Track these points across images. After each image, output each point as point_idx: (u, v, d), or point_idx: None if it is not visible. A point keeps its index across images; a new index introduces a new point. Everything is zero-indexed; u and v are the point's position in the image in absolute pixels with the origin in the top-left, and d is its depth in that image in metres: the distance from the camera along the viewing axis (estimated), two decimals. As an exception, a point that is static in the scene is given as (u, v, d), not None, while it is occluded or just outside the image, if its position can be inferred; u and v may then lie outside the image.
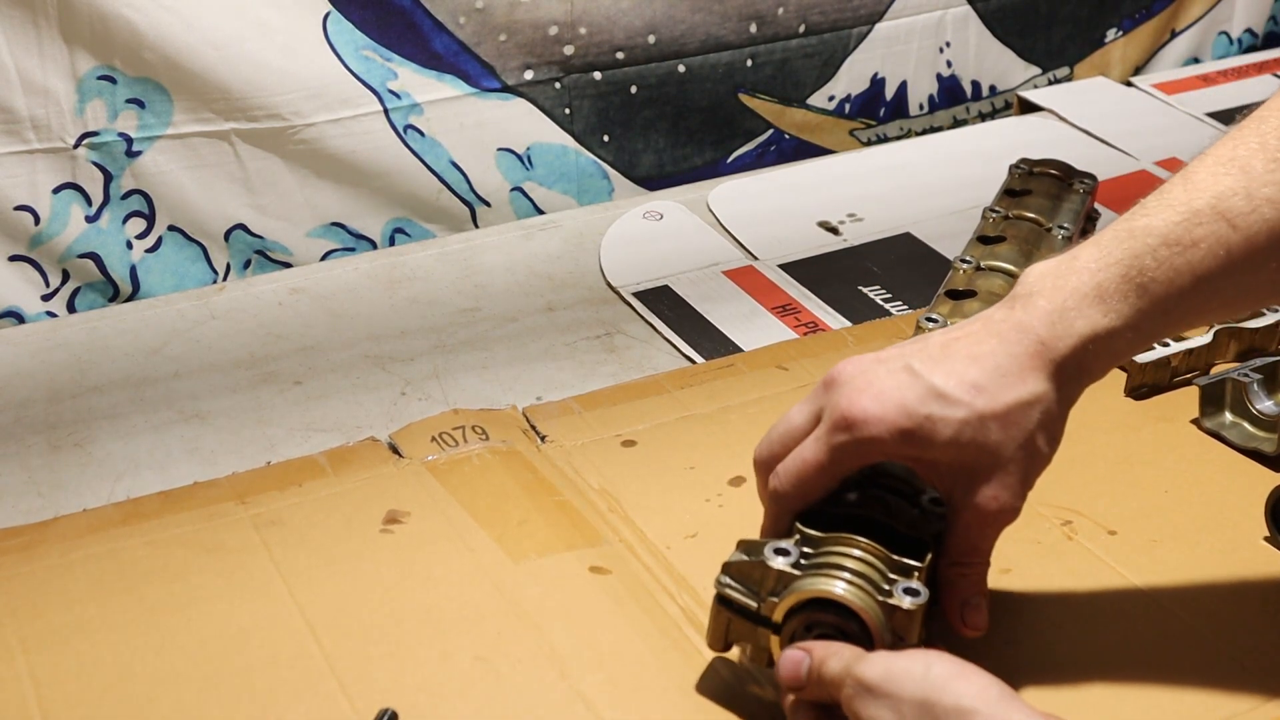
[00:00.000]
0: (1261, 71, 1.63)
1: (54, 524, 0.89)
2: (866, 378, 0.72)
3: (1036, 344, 0.71)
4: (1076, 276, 0.72)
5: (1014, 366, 0.71)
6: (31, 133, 1.25)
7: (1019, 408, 0.71)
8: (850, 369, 0.74)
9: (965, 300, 0.99)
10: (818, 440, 0.73)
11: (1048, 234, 1.09)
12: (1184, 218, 0.71)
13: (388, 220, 1.40)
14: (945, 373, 0.71)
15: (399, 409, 1.03)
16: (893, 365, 0.73)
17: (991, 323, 0.73)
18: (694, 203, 1.33)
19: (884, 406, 0.71)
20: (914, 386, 0.71)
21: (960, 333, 0.74)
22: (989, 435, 0.71)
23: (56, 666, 0.78)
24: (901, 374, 0.72)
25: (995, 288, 1.01)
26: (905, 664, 0.66)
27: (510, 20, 1.39)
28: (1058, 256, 0.74)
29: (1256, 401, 0.96)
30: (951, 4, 1.61)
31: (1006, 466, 0.72)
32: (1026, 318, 0.72)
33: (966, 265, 1.04)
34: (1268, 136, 0.72)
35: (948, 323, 0.95)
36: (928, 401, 0.71)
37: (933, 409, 0.71)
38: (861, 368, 0.73)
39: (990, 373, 0.71)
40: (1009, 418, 0.71)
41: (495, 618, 0.82)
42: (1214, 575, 0.85)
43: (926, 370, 0.71)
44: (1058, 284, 0.72)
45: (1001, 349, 0.71)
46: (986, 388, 0.71)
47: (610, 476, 0.93)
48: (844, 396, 0.72)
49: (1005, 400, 0.71)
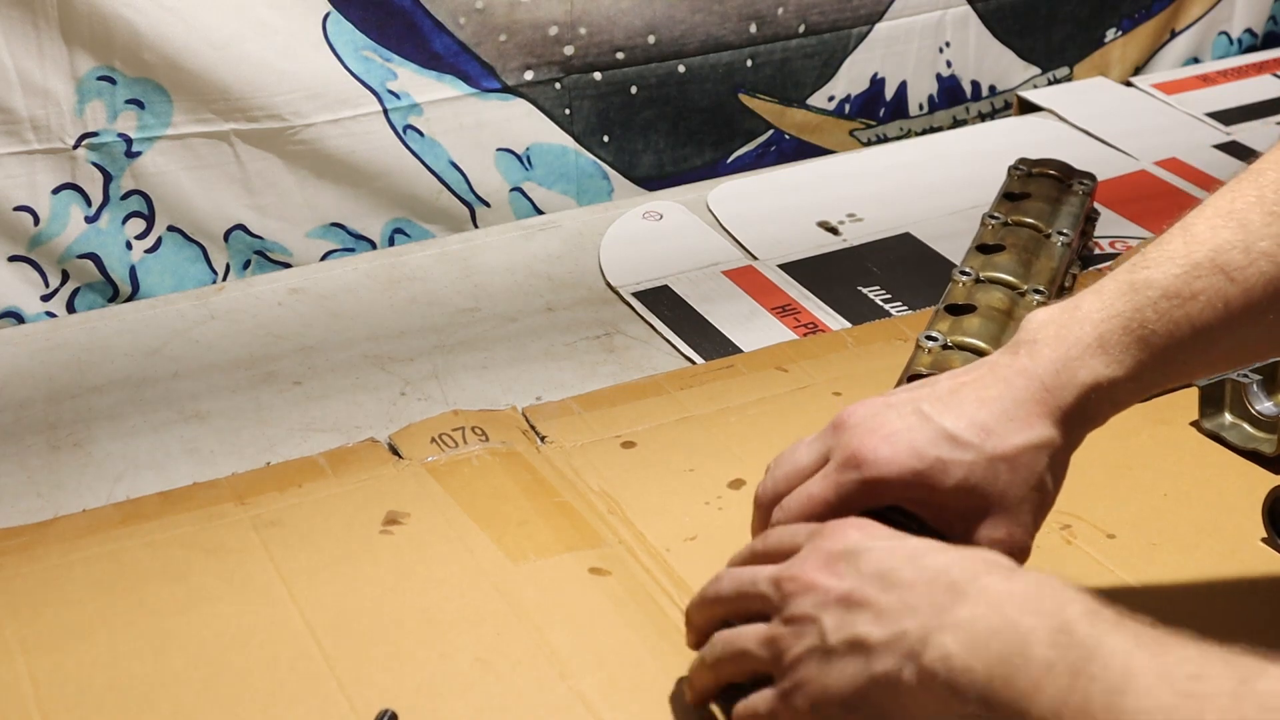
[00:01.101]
0: (1261, 71, 1.63)
1: (54, 524, 0.89)
2: (877, 420, 0.73)
3: (1042, 391, 0.73)
4: (1079, 327, 0.73)
5: (1021, 412, 0.73)
6: (31, 133, 1.25)
7: (1028, 451, 0.72)
8: (860, 411, 0.74)
9: (964, 316, 0.99)
10: (826, 478, 0.74)
11: (1047, 240, 1.09)
12: (1184, 270, 0.73)
13: (387, 220, 1.40)
14: (955, 416, 0.73)
15: (399, 409, 1.03)
16: (903, 409, 0.74)
17: (998, 368, 0.74)
18: (694, 203, 1.33)
19: (895, 448, 0.72)
20: (924, 429, 0.72)
21: (968, 377, 0.75)
22: (998, 477, 0.72)
23: (56, 667, 0.78)
24: (911, 417, 0.73)
25: (994, 301, 1.01)
26: None
27: (510, 20, 1.39)
28: (1060, 304, 0.75)
29: (1256, 402, 0.96)
30: (951, 4, 1.61)
31: (1017, 507, 0.73)
32: (1032, 365, 0.73)
33: (965, 277, 1.05)
34: (1265, 190, 0.74)
35: (948, 341, 0.96)
36: (938, 444, 0.72)
37: (943, 451, 0.72)
38: (871, 410, 0.74)
39: (999, 417, 0.72)
40: (1018, 461, 0.72)
41: (495, 619, 0.82)
42: (1213, 577, 0.85)
43: (936, 413, 0.73)
44: (1060, 334, 0.73)
45: (1008, 394, 0.73)
46: (995, 431, 0.72)
47: (610, 478, 0.94)
48: (854, 437, 0.73)
49: (1014, 444, 0.72)
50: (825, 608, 0.67)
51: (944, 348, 0.96)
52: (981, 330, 0.97)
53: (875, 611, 0.65)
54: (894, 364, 0.97)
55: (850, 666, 0.65)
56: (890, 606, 0.65)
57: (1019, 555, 0.74)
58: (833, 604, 0.67)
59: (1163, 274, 0.73)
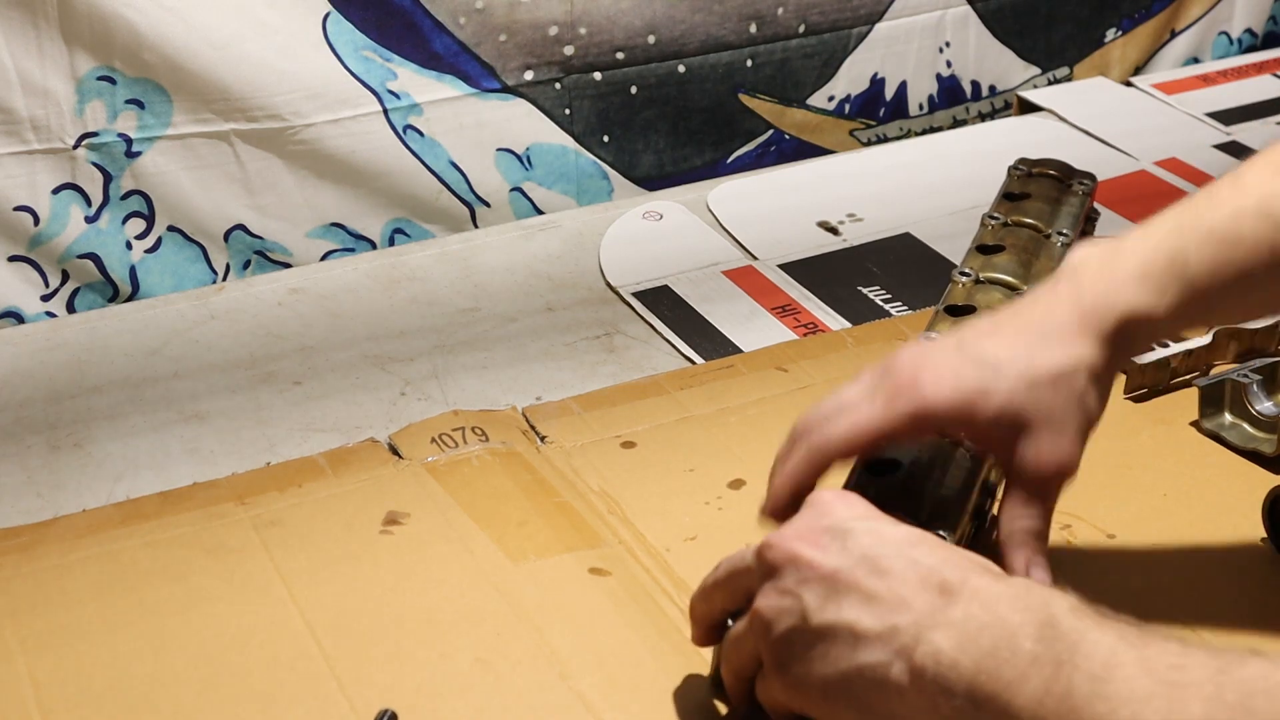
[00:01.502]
0: (1261, 71, 1.63)
1: (53, 524, 0.89)
2: (923, 356, 0.75)
3: (1081, 315, 0.74)
4: (1122, 259, 0.75)
5: (1060, 334, 0.74)
6: (31, 133, 1.25)
7: (1067, 371, 0.74)
8: (906, 352, 0.76)
9: (964, 317, 0.99)
10: (873, 405, 0.75)
11: (1047, 241, 1.09)
12: (1230, 214, 0.74)
13: (387, 220, 1.40)
14: (995, 344, 0.74)
15: (399, 409, 1.03)
16: (945, 345, 0.76)
17: (1037, 298, 0.76)
18: (694, 203, 1.33)
19: (939, 380, 0.74)
20: (966, 360, 0.74)
21: (1007, 310, 0.77)
22: (1040, 399, 0.73)
23: (56, 667, 0.78)
24: (953, 351, 0.75)
25: (994, 302, 1.01)
26: None
27: (510, 20, 1.39)
28: (1104, 240, 0.77)
29: (1256, 402, 0.96)
30: (951, 4, 1.61)
31: (1061, 426, 0.74)
32: (1071, 292, 0.75)
33: (965, 278, 1.04)
34: None
35: None
36: (980, 372, 0.73)
37: (985, 379, 0.73)
38: (917, 350, 0.76)
39: (1037, 341, 0.74)
40: (1058, 381, 0.74)
41: (495, 619, 0.82)
42: (1213, 577, 0.85)
43: (977, 345, 0.75)
44: (1103, 266, 0.75)
45: (1048, 319, 0.75)
46: (1035, 355, 0.74)
47: (610, 478, 0.94)
48: (901, 372, 0.75)
49: (1053, 365, 0.73)
50: (808, 584, 0.67)
51: None
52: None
53: (863, 597, 0.65)
54: (894, 364, 0.97)
55: (834, 651, 0.66)
56: (879, 595, 0.65)
57: (1068, 472, 0.75)
58: (816, 581, 0.67)
59: (1209, 217, 0.75)
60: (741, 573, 0.71)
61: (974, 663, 0.61)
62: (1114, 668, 0.58)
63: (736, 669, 0.73)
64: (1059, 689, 0.58)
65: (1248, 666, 0.56)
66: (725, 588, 0.73)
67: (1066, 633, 0.60)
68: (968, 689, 0.61)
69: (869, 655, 0.64)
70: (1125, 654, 0.58)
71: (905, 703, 0.63)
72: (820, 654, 0.66)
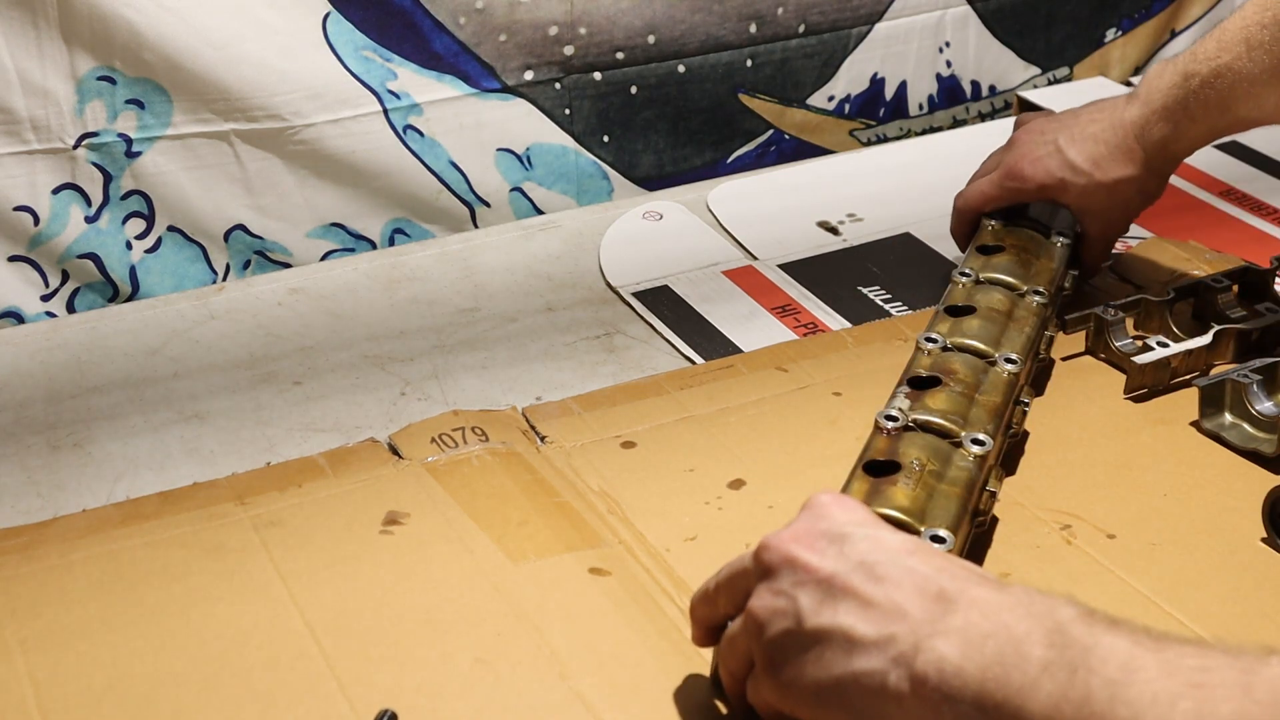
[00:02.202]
0: (1261, 72, 1.62)
1: (53, 524, 0.89)
2: (1031, 145, 1.10)
3: (1132, 141, 1.06)
4: (1156, 96, 1.06)
5: (1120, 154, 1.07)
6: (31, 133, 1.25)
7: (1120, 183, 1.08)
8: (1025, 137, 1.12)
9: (964, 318, 0.99)
10: (991, 180, 1.12)
11: (1047, 241, 1.09)
12: (1214, 59, 1.02)
13: (387, 220, 1.40)
14: (1079, 150, 1.08)
15: (398, 409, 1.03)
16: (1048, 141, 1.09)
17: (1115, 118, 1.07)
18: (694, 203, 1.33)
19: (1035, 169, 1.09)
20: (1057, 157, 1.08)
21: (1096, 122, 1.08)
22: (1099, 198, 1.09)
23: (56, 667, 0.78)
24: (1051, 146, 1.09)
25: (994, 302, 1.01)
26: None
27: (510, 20, 1.39)
28: (1160, 67, 1.07)
29: (1256, 402, 0.96)
30: (951, 4, 1.61)
31: (1112, 217, 1.11)
32: (1130, 119, 1.07)
33: (965, 279, 1.05)
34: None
35: (947, 343, 0.96)
36: (1064, 170, 1.08)
37: (1066, 175, 1.08)
38: (1030, 135, 1.11)
39: (1106, 155, 1.07)
40: (1114, 189, 1.08)
41: (495, 619, 0.82)
42: (1213, 577, 0.85)
43: (1067, 147, 1.08)
44: (1146, 97, 1.06)
45: (1115, 139, 1.07)
46: (1102, 165, 1.07)
47: (610, 478, 0.94)
48: (1013, 156, 1.11)
49: (1112, 177, 1.07)
50: (803, 587, 0.67)
51: (943, 349, 0.96)
52: (981, 331, 0.97)
53: (859, 603, 0.65)
54: (894, 364, 0.97)
55: (828, 655, 0.65)
56: (877, 601, 0.65)
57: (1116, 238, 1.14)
58: (812, 584, 0.67)
59: (1201, 67, 1.03)
60: (741, 574, 0.71)
61: (980, 670, 0.60)
62: (1133, 671, 0.57)
63: (732, 670, 0.73)
64: (1076, 695, 0.57)
65: (1272, 665, 0.55)
66: (726, 590, 0.73)
67: (1078, 638, 0.59)
68: (975, 696, 0.60)
69: (865, 662, 0.64)
70: (1144, 657, 0.57)
71: (904, 710, 0.63)
72: (814, 658, 0.66)
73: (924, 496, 0.81)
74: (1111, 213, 1.10)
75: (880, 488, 0.81)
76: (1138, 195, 1.09)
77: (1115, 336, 1.05)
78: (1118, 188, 1.07)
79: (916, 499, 0.81)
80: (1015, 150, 1.11)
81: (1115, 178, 1.07)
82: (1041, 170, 1.08)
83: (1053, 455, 0.96)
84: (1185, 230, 1.25)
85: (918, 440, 0.86)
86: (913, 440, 0.86)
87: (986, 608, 0.63)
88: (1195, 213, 1.32)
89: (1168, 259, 1.18)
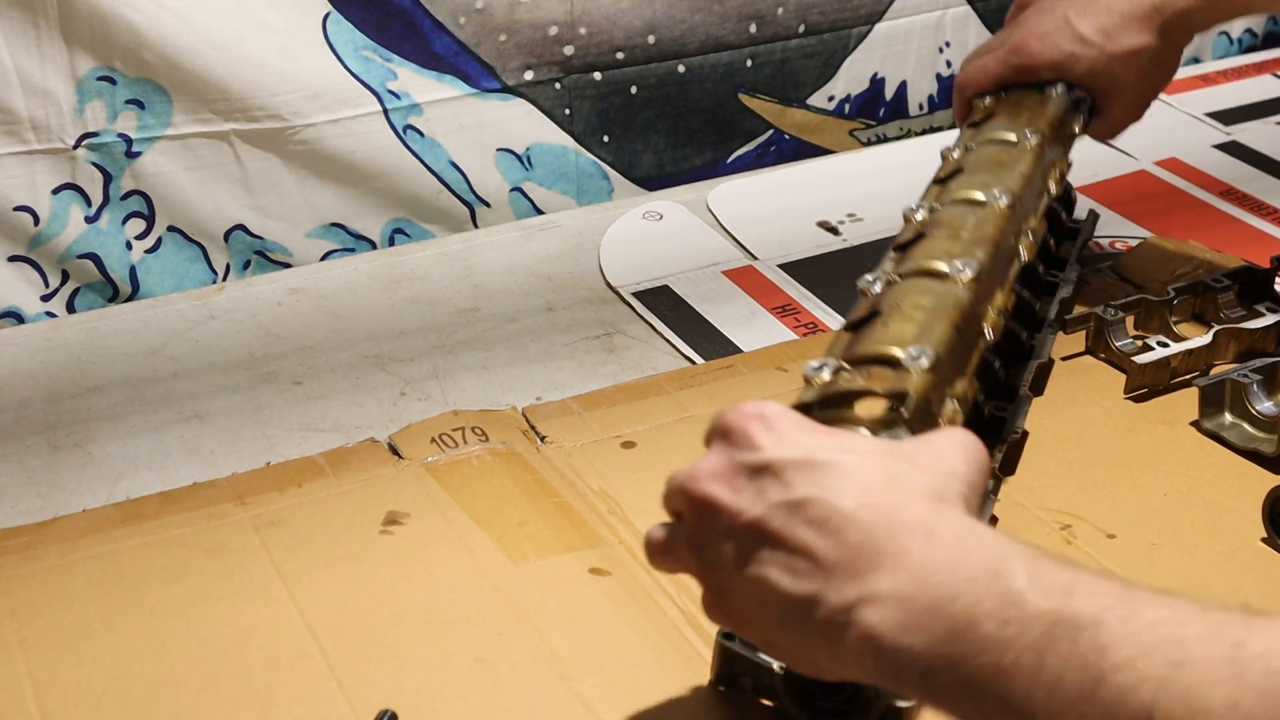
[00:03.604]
0: (1261, 71, 1.63)
1: (53, 524, 0.89)
2: (1038, 19, 1.04)
3: (1149, 10, 1.01)
4: None
5: (1134, 24, 1.02)
6: (31, 133, 1.25)
7: (1135, 53, 1.02)
8: (1030, 13, 1.05)
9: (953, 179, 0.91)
10: (995, 56, 1.05)
11: (1043, 93, 1.03)
12: None
13: (387, 221, 1.40)
14: (1089, 22, 1.02)
15: (398, 409, 1.03)
16: (1056, 13, 1.03)
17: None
18: (694, 203, 1.33)
19: (1043, 44, 1.03)
20: (1065, 30, 1.02)
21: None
22: (1113, 70, 1.02)
23: (56, 667, 0.78)
24: (1060, 19, 1.03)
25: (986, 156, 0.95)
26: None
27: (510, 20, 1.39)
28: None
29: (1256, 402, 0.96)
30: (951, 4, 1.61)
31: (1127, 92, 1.04)
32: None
33: (954, 153, 0.98)
34: None
35: (934, 205, 0.90)
36: (1074, 42, 1.02)
37: (1076, 48, 1.02)
38: (1038, 11, 1.04)
39: (1118, 25, 1.02)
40: (1129, 60, 1.02)
41: (495, 619, 0.82)
42: (1213, 578, 0.85)
43: (1076, 19, 1.02)
44: None
45: (1129, 8, 1.01)
46: (1114, 36, 1.02)
47: (610, 478, 0.94)
48: (1019, 32, 1.04)
49: (1126, 47, 1.02)
50: (731, 535, 0.63)
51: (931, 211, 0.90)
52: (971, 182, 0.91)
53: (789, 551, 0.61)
54: (894, 364, 0.97)
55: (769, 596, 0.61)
56: (819, 552, 0.60)
57: (1132, 120, 1.07)
58: (738, 531, 0.63)
59: None
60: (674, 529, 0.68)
61: (927, 647, 0.56)
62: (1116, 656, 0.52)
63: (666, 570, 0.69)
64: (1046, 678, 0.52)
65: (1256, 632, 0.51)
66: None
67: (1037, 611, 0.54)
68: (922, 674, 0.56)
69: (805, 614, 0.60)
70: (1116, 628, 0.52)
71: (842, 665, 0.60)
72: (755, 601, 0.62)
73: (911, 330, 0.76)
74: (1127, 90, 1.04)
75: (861, 333, 0.77)
76: (1154, 67, 1.03)
77: (1115, 336, 1.05)
78: (1131, 60, 1.02)
79: (902, 331, 0.75)
80: (1022, 26, 1.04)
81: (1128, 49, 1.01)
82: (1050, 45, 1.02)
83: (1052, 455, 0.96)
84: (1185, 230, 1.25)
85: (901, 286, 0.81)
86: (896, 288, 0.80)
87: (919, 568, 0.57)
88: (1195, 213, 1.32)
89: (1168, 259, 1.18)
